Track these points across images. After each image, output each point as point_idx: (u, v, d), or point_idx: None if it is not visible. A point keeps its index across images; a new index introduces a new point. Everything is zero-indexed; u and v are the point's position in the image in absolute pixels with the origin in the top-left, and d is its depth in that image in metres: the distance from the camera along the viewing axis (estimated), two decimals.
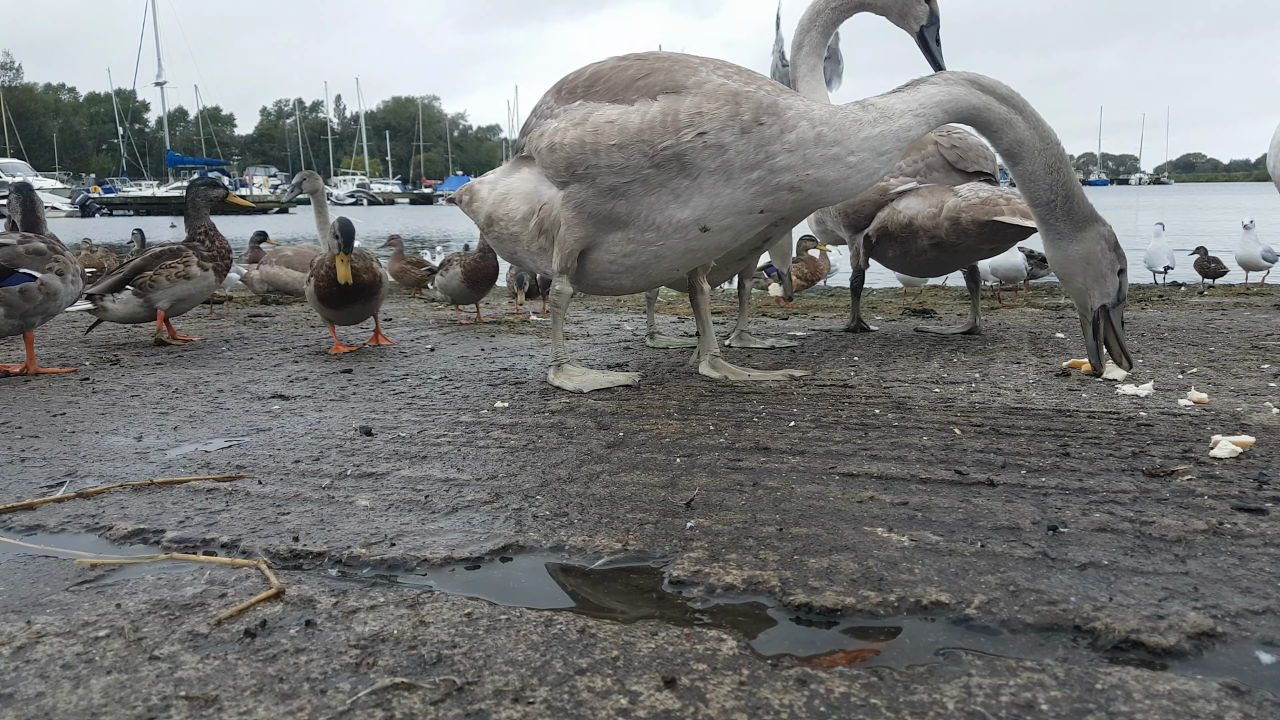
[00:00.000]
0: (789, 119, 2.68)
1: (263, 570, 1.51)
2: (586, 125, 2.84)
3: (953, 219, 3.90)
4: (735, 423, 2.52)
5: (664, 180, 2.79)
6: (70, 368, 3.75)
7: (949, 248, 4.01)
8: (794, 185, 2.74)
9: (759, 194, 2.77)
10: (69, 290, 3.70)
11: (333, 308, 4.17)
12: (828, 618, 1.32)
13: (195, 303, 4.62)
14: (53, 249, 3.68)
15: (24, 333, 3.65)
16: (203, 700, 1.11)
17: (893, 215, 4.12)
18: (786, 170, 2.71)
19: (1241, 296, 6.45)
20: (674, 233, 2.89)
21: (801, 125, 2.67)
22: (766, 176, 2.73)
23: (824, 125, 2.67)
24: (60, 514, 1.85)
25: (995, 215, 3.78)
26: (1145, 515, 1.68)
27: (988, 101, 2.73)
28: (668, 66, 2.83)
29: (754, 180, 2.74)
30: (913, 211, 4.05)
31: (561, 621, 1.31)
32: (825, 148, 2.68)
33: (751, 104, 2.68)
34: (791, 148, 2.68)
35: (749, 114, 2.67)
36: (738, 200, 2.79)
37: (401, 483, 2.02)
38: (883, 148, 2.70)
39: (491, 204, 3.27)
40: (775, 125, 2.68)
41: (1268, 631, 1.23)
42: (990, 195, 3.87)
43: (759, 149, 2.69)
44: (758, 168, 2.72)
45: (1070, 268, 2.86)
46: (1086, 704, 1.06)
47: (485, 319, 5.65)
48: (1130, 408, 2.60)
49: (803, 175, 2.71)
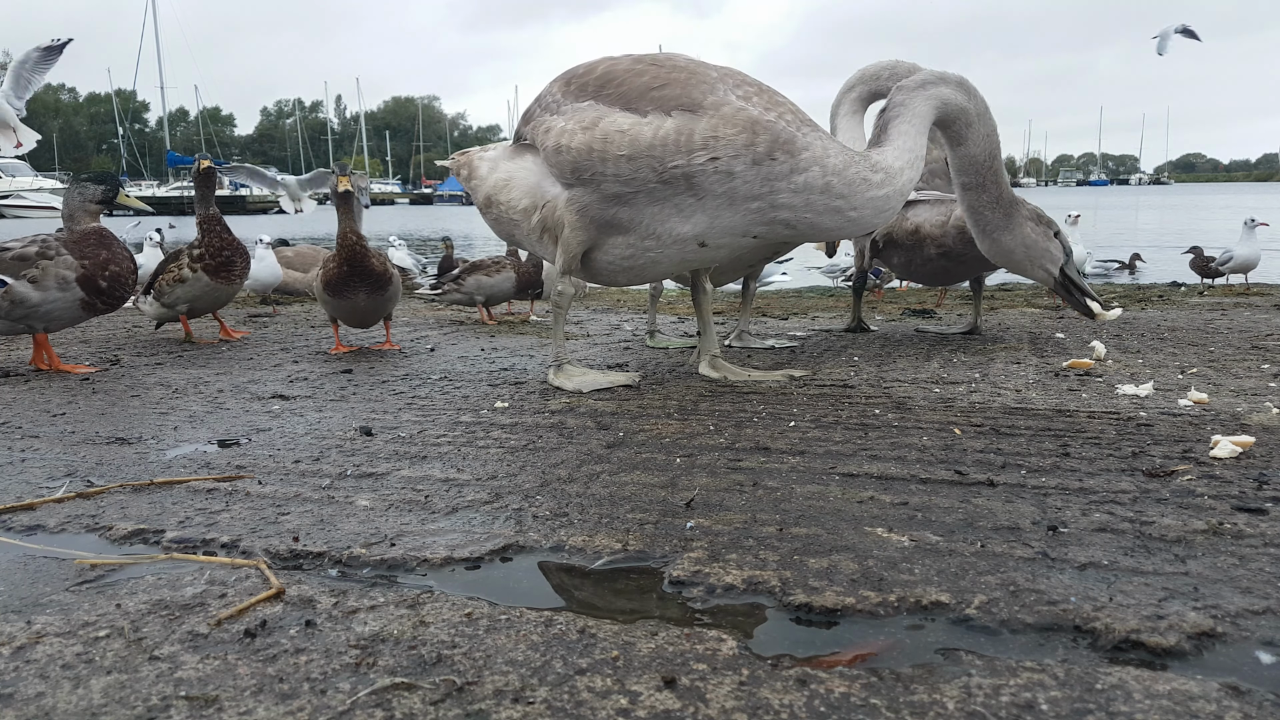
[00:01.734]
0: (802, 160, 2.68)
1: (263, 570, 1.51)
2: (596, 131, 2.81)
3: (960, 228, 3.89)
4: (735, 423, 2.52)
5: (669, 195, 2.79)
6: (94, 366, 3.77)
7: (956, 257, 4.00)
8: (789, 222, 2.77)
9: (754, 222, 2.80)
10: (50, 296, 3.54)
11: (337, 296, 3.98)
12: (828, 618, 1.32)
13: (206, 303, 4.49)
14: (43, 254, 3.54)
15: (32, 334, 3.65)
16: (203, 700, 1.11)
17: (900, 222, 4.11)
18: (786, 208, 2.74)
19: (1241, 297, 6.45)
20: (673, 244, 2.91)
21: (813, 170, 2.68)
22: (766, 209, 2.75)
23: (835, 176, 2.69)
24: (60, 514, 1.85)
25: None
26: (1145, 515, 1.68)
27: (962, 104, 2.90)
28: (684, 79, 2.78)
29: (753, 210, 2.76)
30: (920, 219, 4.04)
31: (561, 621, 1.31)
32: (831, 198, 2.70)
33: (769, 136, 2.67)
34: (797, 189, 2.70)
35: (764, 146, 2.67)
36: (734, 224, 2.82)
37: (401, 483, 2.02)
38: (885, 207, 2.77)
39: (492, 186, 3.24)
40: (786, 164, 2.68)
41: (1268, 631, 1.23)
42: None
43: (765, 182, 2.70)
44: (759, 199, 2.74)
45: (1013, 256, 3.09)
46: (1086, 704, 1.06)
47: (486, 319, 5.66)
48: (1130, 408, 2.60)
49: (801, 216, 2.75)
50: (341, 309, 4.08)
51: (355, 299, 4.00)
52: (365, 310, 4.08)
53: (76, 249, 3.63)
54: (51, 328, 3.70)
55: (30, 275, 3.53)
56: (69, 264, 3.59)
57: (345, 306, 4.05)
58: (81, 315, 3.71)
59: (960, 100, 2.91)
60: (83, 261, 3.60)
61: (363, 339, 4.53)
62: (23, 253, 3.57)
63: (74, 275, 3.59)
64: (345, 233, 3.95)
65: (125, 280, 3.76)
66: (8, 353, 4.30)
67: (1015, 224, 3.05)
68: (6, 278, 3.51)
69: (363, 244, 3.95)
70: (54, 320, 3.65)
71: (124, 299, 3.83)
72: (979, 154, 2.99)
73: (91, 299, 3.65)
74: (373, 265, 3.95)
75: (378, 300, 4.04)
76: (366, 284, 3.96)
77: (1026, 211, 3.11)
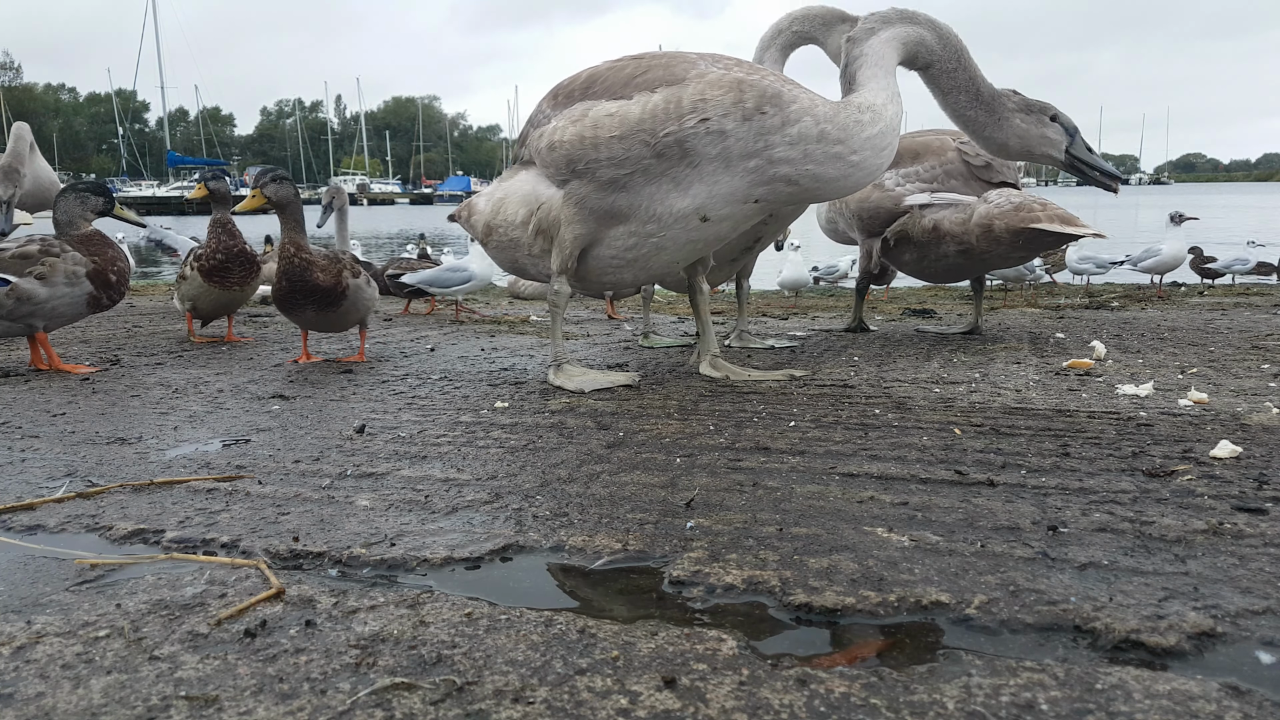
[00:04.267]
0: (792, 112, 2.68)
1: (263, 570, 1.51)
2: (586, 121, 2.85)
3: (985, 226, 3.87)
4: (735, 423, 2.52)
5: (665, 169, 2.79)
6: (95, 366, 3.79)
7: (977, 254, 3.97)
8: (790, 178, 2.75)
9: (755, 183, 2.78)
10: (58, 292, 3.59)
11: (286, 312, 3.72)
12: (828, 618, 1.32)
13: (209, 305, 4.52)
14: (47, 251, 3.61)
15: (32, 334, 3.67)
16: (203, 700, 1.11)
17: (916, 220, 4.08)
18: (785, 162, 2.72)
19: (1241, 297, 6.45)
20: (674, 223, 2.90)
21: (805, 121, 2.68)
22: (764, 166, 2.74)
23: (828, 123, 2.68)
24: (60, 514, 1.85)
25: (1032, 223, 3.76)
26: (1145, 515, 1.68)
27: (920, 34, 2.94)
28: (665, 63, 2.85)
29: (751, 169, 2.75)
30: (939, 217, 4.02)
31: (561, 621, 1.31)
32: (829, 145, 2.69)
33: (755, 91, 2.69)
34: (793, 141, 2.69)
35: (752, 101, 2.68)
36: (735, 189, 2.80)
37: (401, 483, 2.02)
38: (883, 144, 2.75)
39: (489, 212, 3.27)
40: (777, 116, 2.68)
41: (1268, 631, 1.23)
42: (1023, 201, 3.84)
43: (758, 137, 2.70)
44: (755, 156, 2.72)
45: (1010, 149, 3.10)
46: (1086, 704, 1.06)
47: (486, 319, 5.66)
48: (1130, 408, 2.60)
49: (801, 169, 2.72)
50: (299, 321, 3.82)
51: (304, 315, 3.72)
52: (324, 321, 3.79)
53: (84, 247, 3.71)
54: (52, 326, 3.71)
55: (37, 272, 3.59)
56: (78, 260, 3.67)
57: (299, 321, 3.80)
58: (84, 312, 3.77)
59: (914, 33, 2.95)
60: (92, 258, 3.70)
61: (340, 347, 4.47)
62: (23, 251, 3.61)
63: (84, 270, 3.67)
64: (284, 244, 3.64)
65: (127, 278, 3.89)
66: (8, 353, 4.30)
67: (1002, 118, 3.08)
68: (10, 276, 3.54)
69: (302, 256, 3.60)
70: (57, 318, 3.69)
71: (123, 296, 3.93)
72: (947, 64, 3.02)
73: (99, 294, 3.73)
74: (317, 280, 3.59)
75: (331, 316, 3.72)
76: (313, 300, 3.63)
77: (1012, 105, 3.12)
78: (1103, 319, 4.96)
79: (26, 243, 3.65)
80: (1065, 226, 3.72)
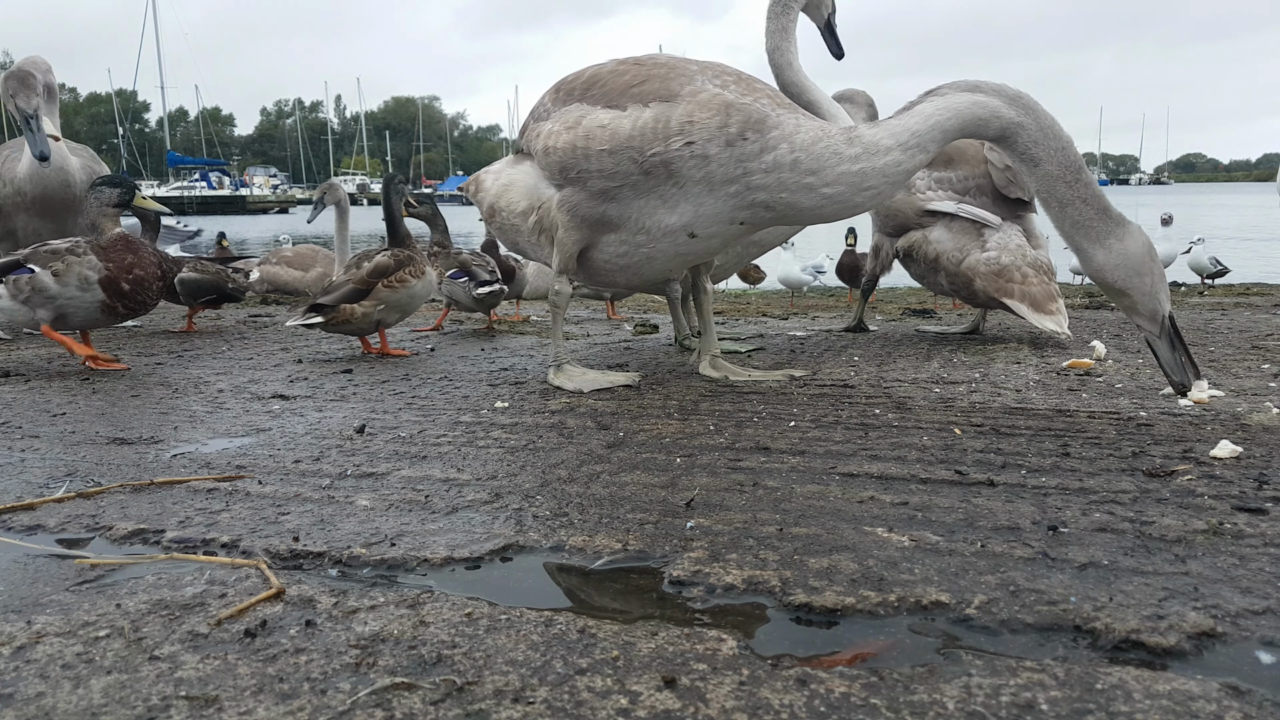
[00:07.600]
0: (771, 139, 2.64)
1: (263, 570, 1.51)
2: (579, 129, 2.85)
3: (967, 279, 3.90)
4: (735, 423, 2.52)
5: (653, 186, 2.80)
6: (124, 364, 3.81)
7: (966, 294, 4.04)
8: (768, 204, 2.73)
9: (737, 207, 2.77)
10: (68, 293, 3.61)
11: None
12: (828, 618, 1.32)
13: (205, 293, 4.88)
14: (72, 251, 3.65)
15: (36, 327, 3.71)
16: (203, 700, 1.11)
17: (923, 243, 4.08)
18: (761, 189, 2.70)
19: (1242, 296, 6.45)
20: (663, 237, 2.91)
21: (781, 148, 2.63)
22: (743, 192, 2.72)
23: (802, 152, 2.61)
24: (60, 514, 1.85)
25: (1004, 297, 3.75)
26: (1145, 515, 1.68)
27: (995, 108, 2.46)
28: (663, 74, 2.81)
29: (732, 194, 2.74)
30: (940, 249, 4.01)
31: (561, 621, 1.31)
32: (800, 175, 2.63)
33: (741, 117, 2.66)
34: (768, 169, 2.65)
35: (735, 127, 2.65)
36: (719, 210, 2.79)
37: (401, 483, 2.02)
38: (865, 184, 2.58)
39: (494, 194, 3.31)
40: (756, 143, 2.65)
41: (1268, 631, 1.23)
42: (1008, 266, 3.77)
43: (738, 164, 2.68)
44: (735, 182, 2.71)
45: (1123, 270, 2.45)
46: (1086, 704, 1.06)
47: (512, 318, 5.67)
48: (1130, 408, 2.60)
49: (776, 196, 2.69)
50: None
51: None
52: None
53: (103, 253, 3.71)
54: (60, 325, 3.73)
55: (54, 268, 3.62)
56: (93, 265, 3.67)
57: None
58: (100, 319, 3.78)
59: (1009, 113, 2.47)
60: (107, 264, 3.68)
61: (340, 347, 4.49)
62: (56, 248, 3.69)
63: (97, 276, 3.66)
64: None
65: (150, 285, 3.79)
66: (8, 353, 4.30)
67: (1127, 233, 2.47)
68: (35, 266, 3.58)
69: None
70: (64, 317, 3.71)
71: (148, 304, 3.85)
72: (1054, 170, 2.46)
73: (113, 302, 3.71)
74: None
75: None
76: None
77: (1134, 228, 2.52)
78: (1103, 319, 4.96)
79: (66, 241, 3.73)
80: (1032, 313, 3.66)
